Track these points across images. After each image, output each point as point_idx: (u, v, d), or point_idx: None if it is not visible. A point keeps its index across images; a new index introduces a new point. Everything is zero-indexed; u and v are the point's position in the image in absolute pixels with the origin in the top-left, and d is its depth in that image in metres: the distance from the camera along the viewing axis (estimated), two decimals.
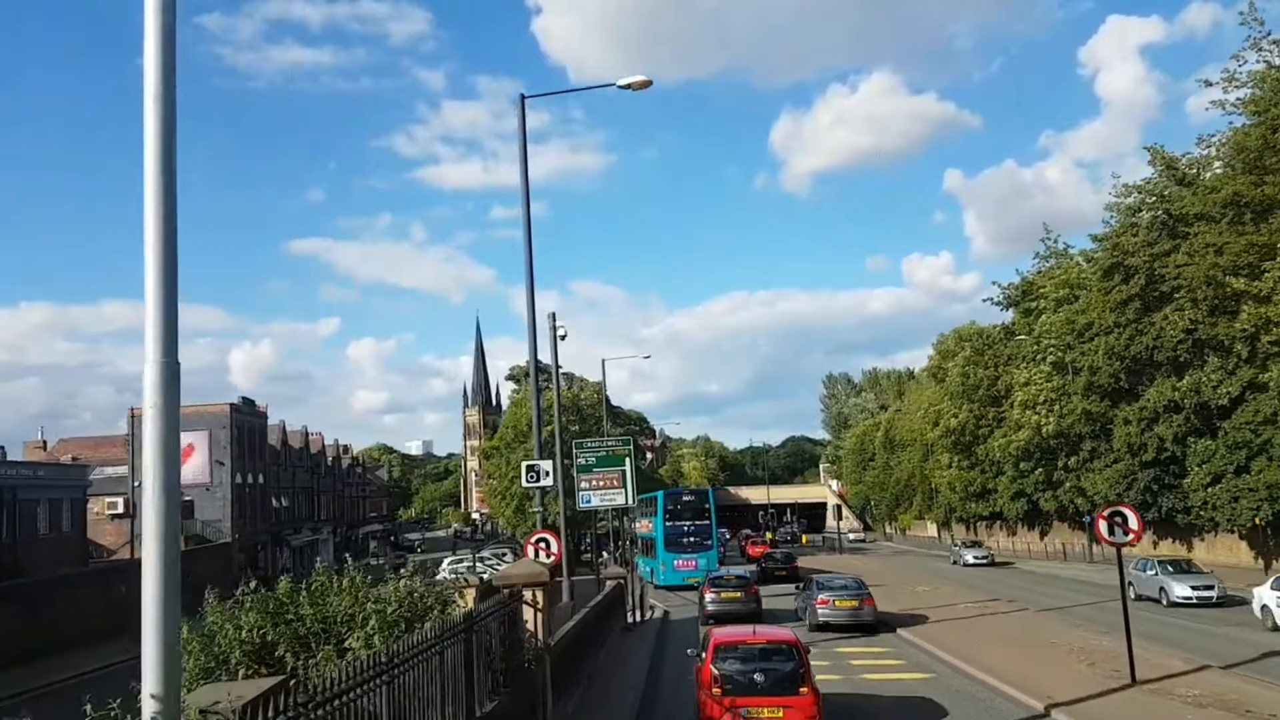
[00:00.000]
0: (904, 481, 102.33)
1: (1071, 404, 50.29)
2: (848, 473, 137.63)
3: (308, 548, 68.59)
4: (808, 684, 12.86)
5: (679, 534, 45.03)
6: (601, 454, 32.83)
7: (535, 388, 22.48)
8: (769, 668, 13.13)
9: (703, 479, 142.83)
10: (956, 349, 64.55)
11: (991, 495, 63.90)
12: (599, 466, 32.54)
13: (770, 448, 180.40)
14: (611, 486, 32.40)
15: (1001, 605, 30.88)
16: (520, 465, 58.44)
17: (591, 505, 32.61)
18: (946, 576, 46.02)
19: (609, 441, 33.82)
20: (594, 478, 32.42)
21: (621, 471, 32.49)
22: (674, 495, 49.32)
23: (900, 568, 54.39)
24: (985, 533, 70.37)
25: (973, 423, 62.65)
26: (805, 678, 12.95)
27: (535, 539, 18.55)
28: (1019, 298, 60.09)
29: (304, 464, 68.70)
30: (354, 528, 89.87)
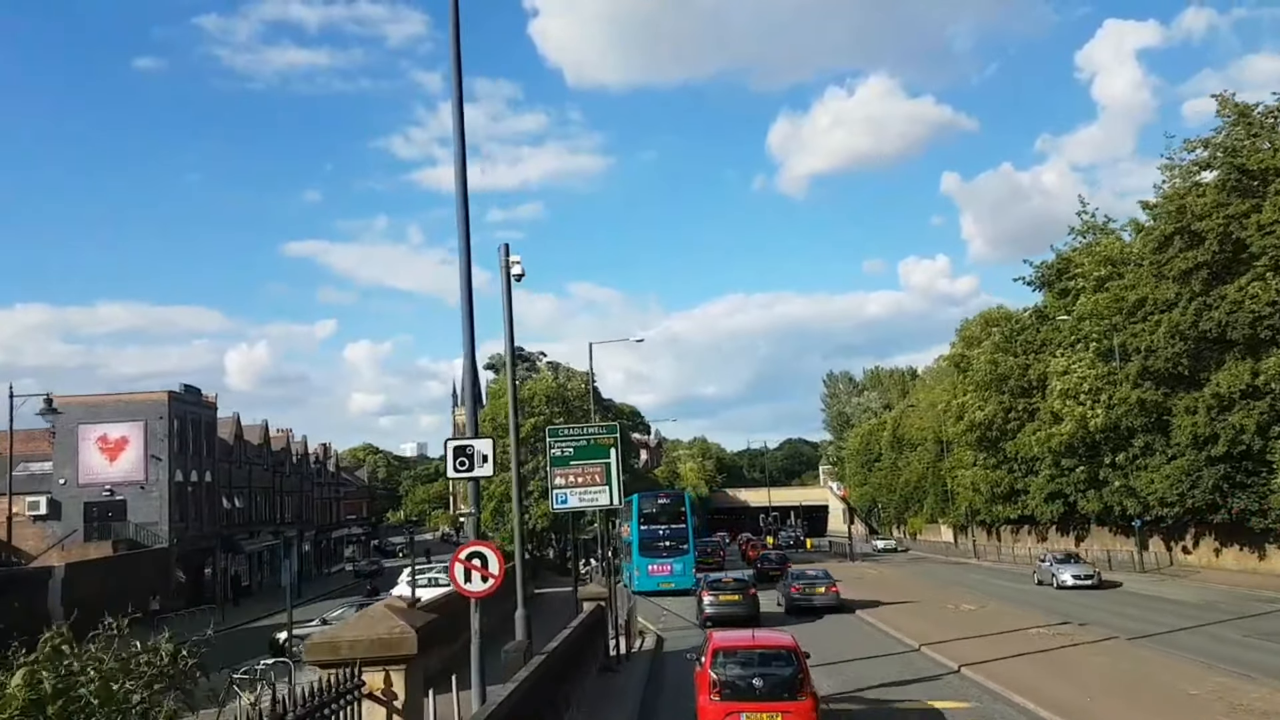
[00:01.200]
0: (913, 483, 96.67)
1: (1121, 392, 44.29)
2: (851, 474, 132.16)
3: (267, 553, 62.34)
4: (806, 689, 12.85)
5: (653, 538, 42.23)
6: (581, 443, 26.72)
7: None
8: (768, 673, 13.11)
9: (700, 480, 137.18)
10: (983, 335, 58.58)
11: (1020, 496, 57.90)
12: (578, 459, 26.45)
13: (768, 450, 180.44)
14: (593, 483, 26.32)
15: (1078, 631, 24.81)
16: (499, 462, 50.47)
17: (568, 506, 26.51)
18: (984, 590, 39.99)
19: (590, 429, 27.68)
20: (572, 473, 26.34)
21: (605, 465, 26.41)
22: (648, 498, 45.53)
23: (928, 579, 48.26)
24: (1010, 538, 64.32)
25: (1001, 416, 56.63)
26: (804, 683, 12.92)
27: (466, 553, 12.54)
28: (1054, 277, 54.14)
29: (264, 462, 62.56)
30: (326, 531, 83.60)
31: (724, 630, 17.16)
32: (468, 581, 12.70)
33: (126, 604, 6.00)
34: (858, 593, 37.28)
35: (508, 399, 26.99)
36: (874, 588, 40.40)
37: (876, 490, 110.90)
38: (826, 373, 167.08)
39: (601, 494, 26.49)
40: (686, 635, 25.85)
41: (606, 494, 26.50)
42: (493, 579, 12.64)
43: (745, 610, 28.23)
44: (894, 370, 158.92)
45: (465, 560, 12.55)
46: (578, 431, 27.32)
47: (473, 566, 12.59)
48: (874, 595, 36.42)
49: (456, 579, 12.67)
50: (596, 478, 26.62)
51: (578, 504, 26.59)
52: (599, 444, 27.04)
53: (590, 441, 27.00)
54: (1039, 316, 56.05)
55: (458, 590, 12.77)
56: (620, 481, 26.87)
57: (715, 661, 13.38)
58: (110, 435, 47.02)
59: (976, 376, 57.39)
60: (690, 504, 46.50)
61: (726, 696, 12.84)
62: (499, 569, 12.69)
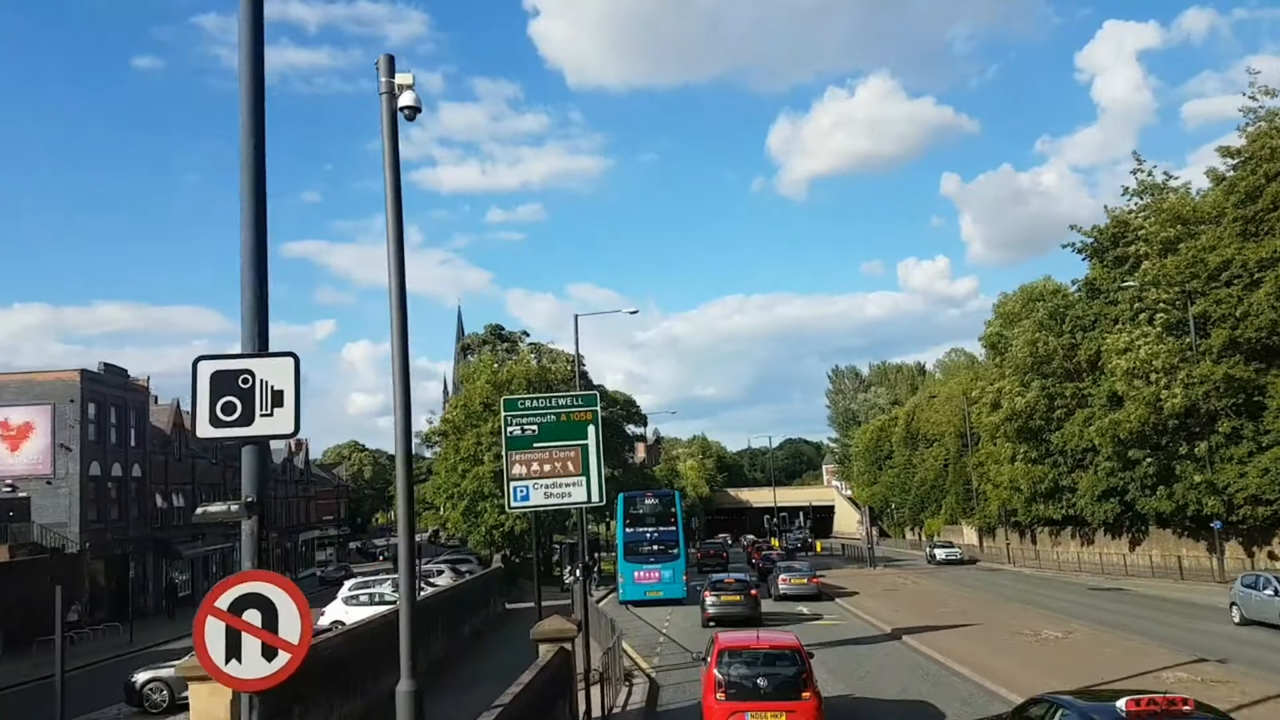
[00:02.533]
0: (930, 481, 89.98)
1: (1202, 369, 37.47)
2: (858, 473, 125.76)
3: (215, 558, 55.39)
4: (810, 689, 13.04)
5: (639, 542, 37.42)
6: (547, 418, 19.83)
7: None
8: (772, 672, 13.25)
9: (700, 479, 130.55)
10: (1023, 312, 51.64)
11: (1065, 495, 51.04)
12: (545, 440, 19.59)
13: (771, 447, 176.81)
14: (564, 473, 19.45)
15: (1237, 676, 17.92)
16: (471, 455, 41.91)
17: (530, 505, 19.60)
18: (1048, 606, 33.12)
19: (560, 399, 20.70)
20: (536, 459, 19.46)
21: (580, 449, 19.55)
22: (633, 498, 39.69)
23: (973, 591, 41.34)
24: (1049, 541, 57.43)
25: (1044, 404, 49.79)
26: (808, 682, 13.11)
27: (231, 598, 5.59)
28: (1108, 244, 47.24)
29: (211, 455, 55.66)
30: (293, 533, 76.66)
31: (729, 631, 17.32)
32: (232, 661, 5.64)
33: (33, 617, 0.66)
34: (899, 612, 30.45)
35: (482, 383, 20.56)
36: (915, 604, 33.54)
37: (888, 489, 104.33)
38: (831, 367, 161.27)
39: (576, 487, 19.63)
40: (690, 679, 18.98)
41: (583, 487, 19.66)
42: (286, 652, 5.64)
43: (747, 610, 28.26)
44: (902, 365, 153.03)
45: (229, 612, 5.60)
46: (543, 404, 20.40)
47: (246, 627, 5.63)
48: (919, 615, 29.59)
49: (208, 654, 5.59)
50: (570, 465, 19.73)
51: (543, 501, 19.71)
52: (573, 420, 20.16)
53: (561, 416, 20.11)
54: (1090, 289, 49.17)
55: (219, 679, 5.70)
56: (601, 470, 20.01)
57: (720, 661, 13.56)
58: (11, 420, 40.06)
59: (1016, 359, 50.46)
60: (681, 503, 40.57)
61: (732, 696, 12.99)
62: (301, 630, 5.66)
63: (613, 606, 37.03)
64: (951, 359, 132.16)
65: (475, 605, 30.43)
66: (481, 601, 31.77)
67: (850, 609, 32.70)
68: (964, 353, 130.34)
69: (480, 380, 45.46)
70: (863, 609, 32.26)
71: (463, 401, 45.78)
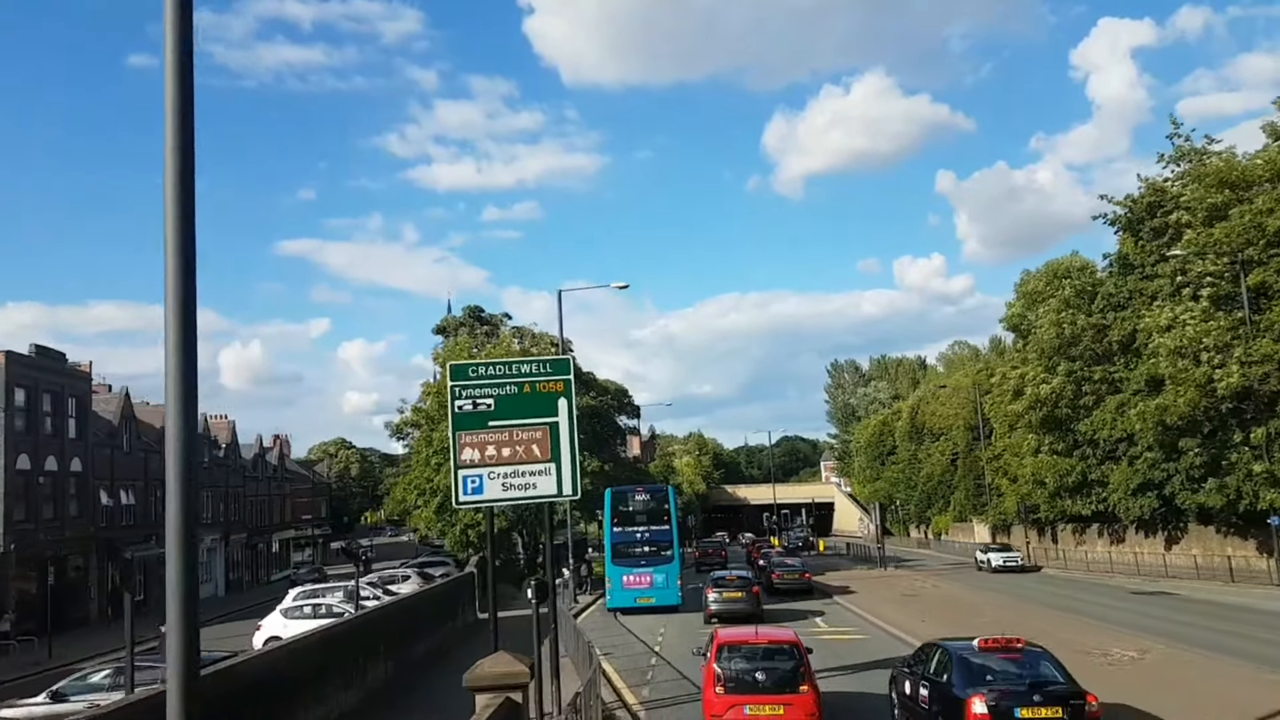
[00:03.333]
0: (937, 476, 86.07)
1: (1263, 346, 33.40)
2: (859, 469, 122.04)
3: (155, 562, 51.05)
4: (808, 682, 13.22)
5: (628, 542, 33.44)
6: (506, 390, 15.60)
7: None
8: (771, 666, 13.50)
9: (696, 476, 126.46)
10: (1048, 290, 47.47)
11: (1094, 489, 46.93)
12: (502, 417, 15.40)
13: (771, 443, 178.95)
14: (528, 459, 15.27)
15: None
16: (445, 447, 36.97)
17: (484, 499, 15.38)
18: (1102, 616, 29.01)
19: (523, 365, 16.35)
20: (492, 440, 15.27)
21: (549, 429, 15.37)
22: (622, 494, 35.30)
23: (1005, 596, 37.24)
24: (1073, 539, 53.32)
25: (1071, 390, 45.66)
26: (806, 676, 13.31)
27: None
28: (1144, 214, 43.10)
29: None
30: (265, 534, 72.30)
31: (728, 627, 17.41)
32: None
33: None
34: (928, 624, 26.30)
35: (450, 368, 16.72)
36: (944, 613, 29.39)
37: (892, 486, 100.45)
38: (831, 361, 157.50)
39: (543, 477, 15.44)
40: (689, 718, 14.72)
41: (551, 477, 15.50)
42: None
43: (748, 607, 28.23)
44: (902, 359, 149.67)
45: None
46: (501, 371, 16.16)
47: None
48: (953, 627, 25.35)
49: None
50: (535, 449, 15.55)
51: (501, 495, 15.48)
52: (539, 391, 15.99)
53: (524, 387, 15.91)
54: (1122, 264, 45.02)
55: None
56: (576, 456, 15.82)
57: (720, 656, 13.72)
58: None
59: (1041, 342, 46.28)
60: (676, 500, 36.48)
61: (731, 689, 13.17)
62: None
63: (600, 614, 32.90)
64: (955, 352, 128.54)
65: (436, 619, 26.21)
66: (445, 614, 27.55)
67: (870, 619, 28.55)
68: (967, 345, 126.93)
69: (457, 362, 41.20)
70: (884, 619, 28.13)
71: (435, 389, 41.51)
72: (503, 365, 15.80)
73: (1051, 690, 12.08)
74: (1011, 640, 13.39)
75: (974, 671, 12.73)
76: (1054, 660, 13.00)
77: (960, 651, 13.39)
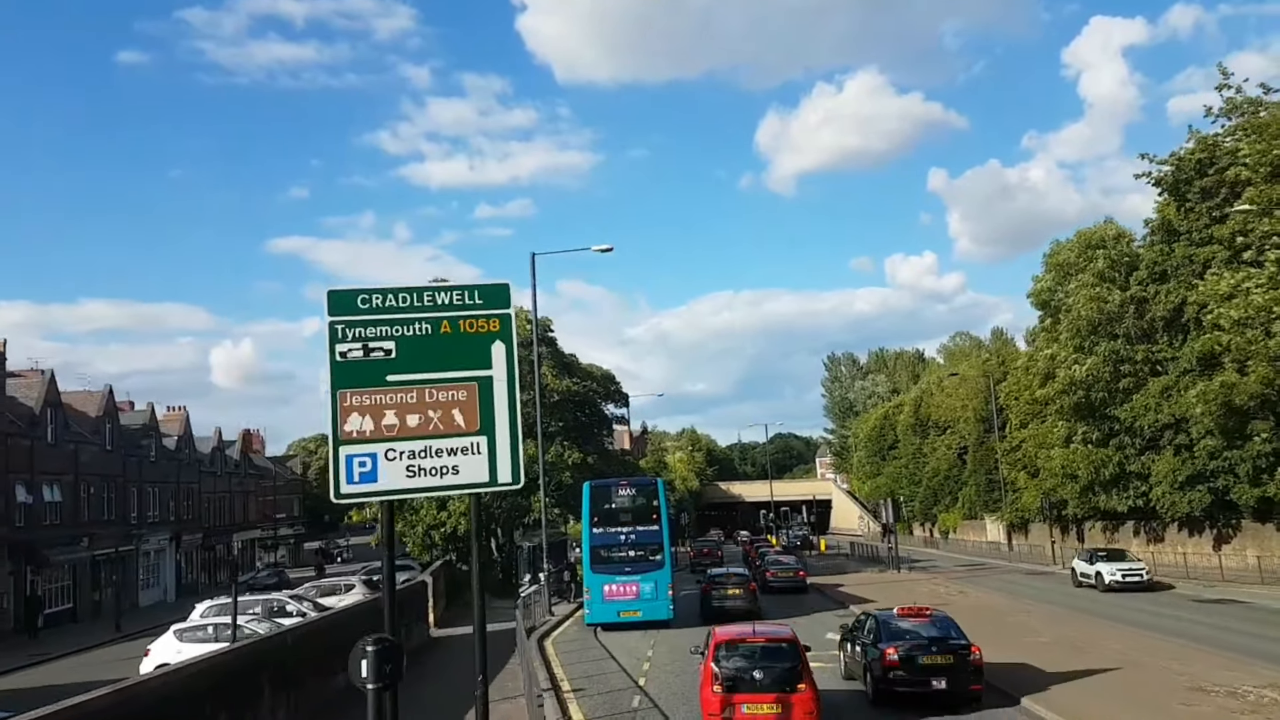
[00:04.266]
0: (944, 471, 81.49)
1: None
2: (858, 464, 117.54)
3: (106, 565, 45.97)
4: (806, 680, 13.25)
5: (611, 546, 28.16)
6: (416, 329, 10.47)
7: None
8: (769, 665, 13.46)
9: (689, 473, 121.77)
10: (1081, 261, 42.66)
11: (1131, 481, 42.18)
12: (408, 369, 10.33)
13: (769, 438, 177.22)
14: (448, 430, 10.24)
15: None
16: None
17: (376, 491, 10.23)
18: (1205, 640, 24.22)
19: (441, 293, 11.00)
20: (391, 403, 10.28)
21: (479, 388, 10.31)
22: (604, 489, 29.68)
23: (1055, 607, 32.46)
24: (1102, 539, 48.55)
25: (1109, 372, 40.90)
26: (804, 674, 13.33)
27: None
28: (1192, 173, 38.31)
29: (103, 441, 46.33)
30: (223, 534, 67.19)
31: (726, 625, 16.56)
32: None
33: None
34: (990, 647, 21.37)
35: None
36: (988, 627, 24.44)
37: (894, 482, 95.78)
38: (828, 354, 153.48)
39: (469, 457, 10.28)
40: None
41: (482, 457, 10.43)
42: None
43: (746, 604, 27.97)
44: (901, 352, 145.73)
45: None
46: (405, 301, 11.11)
47: None
48: (1006, 647, 20.66)
49: None
50: (458, 418, 10.41)
51: (404, 483, 10.33)
52: (464, 331, 10.94)
53: (441, 325, 10.84)
54: (1166, 231, 40.24)
55: None
56: (518, 429, 10.84)
57: (717, 654, 13.69)
58: None
59: (1076, 319, 41.39)
60: (667, 495, 30.99)
61: (728, 688, 13.15)
62: None
63: (579, 629, 27.98)
64: (957, 344, 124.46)
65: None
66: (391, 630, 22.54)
67: None
68: (969, 336, 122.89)
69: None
70: None
71: None
72: (408, 294, 10.61)
73: (947, 643, 15.77)
74: (922, 609, 17.67)
75: (893, 631, 16.27)
76: (954, 624, 16.60)
77: (884, 618, 17.14)
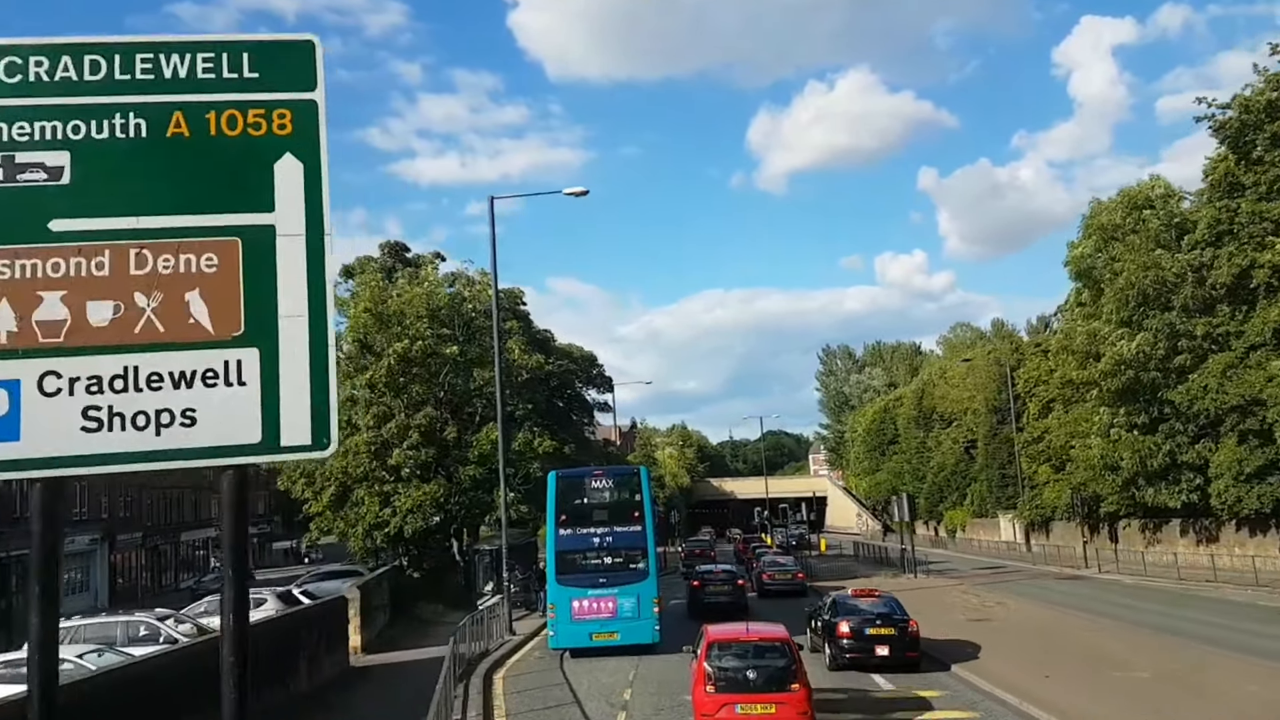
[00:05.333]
0: (951, 466, 76.69)
1: None
2: (855, 459, 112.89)
3: (18, 566, 40.37)
4: (800, 680, 13.11)
5: (582, 550, 22.38)
6: (114, 121, 4.91)
7: None
8: (762, 664, 13.36)
9: (680, 469, 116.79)
10: (1127, 225, 37.43)
11: (1184, 474, 37.06)
12: (95, 208, 4.90)
13: (751, 440, 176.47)
14: (173, 335, 4.88)
15: None
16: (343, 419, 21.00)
17: (21, 458, 4.71)
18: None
19: (139, 52, 4.76)
20: (59, 277, 4.93)
21: (246, 247, 4.73)
22: (574, 480, 23.78)
23: (1137, 626, 27.15)
24: (1141, 539, 43.45)
25: (1162, 349, 35.73)
26: (798, 674, 13.18)
27: None
28: (1261, 116, 33.12)
29: None
30: (177, 532, 61.63)
31: (718, 624, 16.07)
32: None
33: None
34: (1073, 691, 16.04)
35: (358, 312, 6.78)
36: (1067, 660, 19.12)
37: (896, 478, 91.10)
38: (823, 347, 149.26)
39: (218, 393, 4.24)
40: None
41: (248, 395, 4.40)
42: None
43: (732, 599, 28.30)
44: (898, 344, 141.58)
45: None
46: (94, 70, 4.67)
47: None
48: (1109, 697, 15.32)
49: None
50: (194, 310, 4.41)
51: (78, 446, 4.55)
52: (215, 135, 4.71)
53: (162, 121, 4.46)
54: (1229, 186, 35.03)
55: None
56: (323, 333, 4.87)
57: (710, 654, 13.51)
58: None
59: (1129, 286, 36.13)
60: (651, 487, 24.34)
61: (721, 688, 13.04)
62: None
63: (542, 656, 22.57)
64: (958, 335, 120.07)
65: (253, 676, 15.78)
66: (280, 666, 17.01)
67: (968, 678, 18.23)
68: (971, 327, 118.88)
69: (358, 308, 30.63)
70: (986, 675, 17.89)
71: (346, 336, 30.84)
72: (101, 57, 4.89)
73: (891, 618, 18.88)
74: (872, 590, 22.38)
75: (847, 608, 19.61)
76: (899, 604, 19.91)
77: (840, 597, 20.82)
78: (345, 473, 29.68)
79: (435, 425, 30.26)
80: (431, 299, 31.41)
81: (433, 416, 30.21)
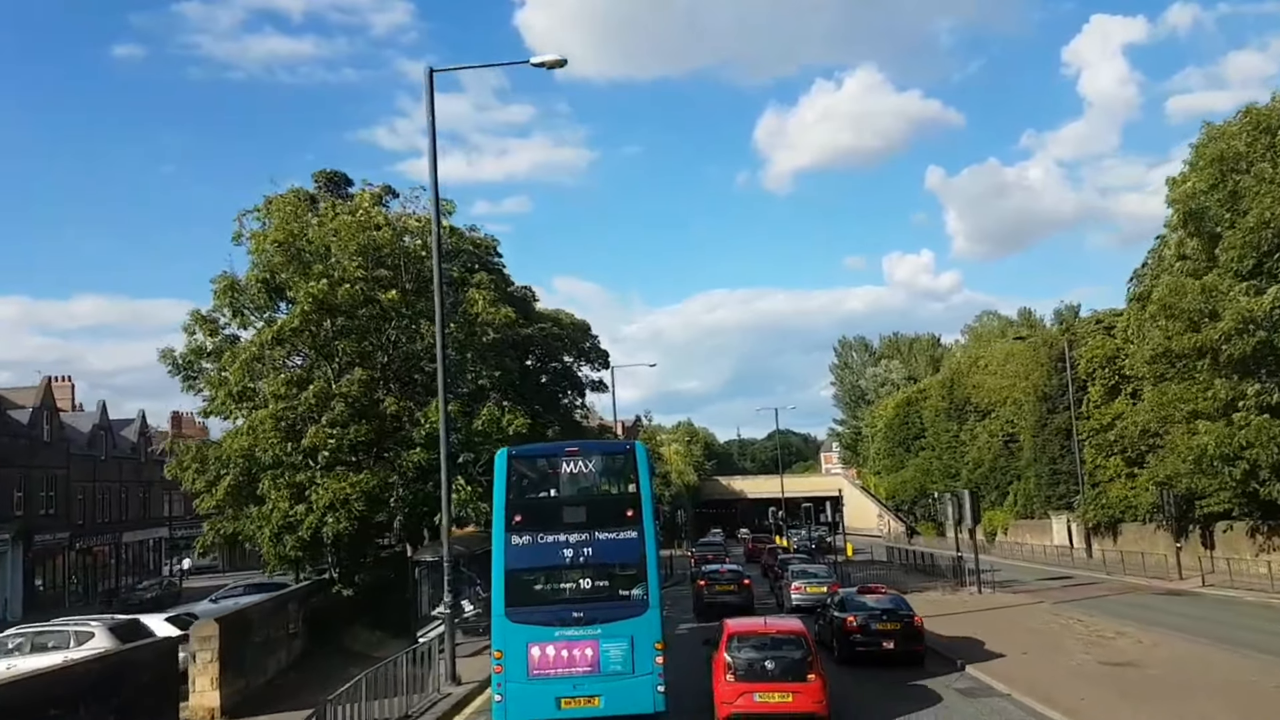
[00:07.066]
0: (989, 462, 69.13)
1: None
2: (875, 456, 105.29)
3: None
4: (815, 671, 13.55)
5: (544, 567, 13.91)
6: None
7: None
8: (780, 655, 13.76)
9: (687, 467, 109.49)
10: (1252, 153, 29.69)
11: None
12: None
13: (756, 440, 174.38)
14: None
15: None
16: (240, 384, 9.88)
17: None
18: None
19: None
20: None
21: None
22: (533, 460, 15.11)
23: None
24: (1247, 545, 35.76)
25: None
26: (814, 665, 13.64)
27: None
28: None
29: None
30: (120, 531, 54.30)
31: (738, 618, 16.97)
32: None
33: None
34: None
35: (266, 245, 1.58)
36: None
37: (924, 475, 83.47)
38: (839, 339, 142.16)
39: None
40: None
41: None
42: None
43: (739, 599, 28.19)
44: (917, 337, 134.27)
45: None
46: None
47: None
48: None
49: None
50: None
51: None
52: None
53: None
54: None
55: None
56: None
57: (730, 646, 13.95)
58: None
59: (1264, 225, 28.37)
60: (649, 469, 15.17)
61: (741, 677, 13.45)
62: None
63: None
64: (984, 324, 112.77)
65: None
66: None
67: None
68: (998, 315, 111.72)
69: (266, 240, 23.08)
70: None
71: (228, 283, 23.32)
72: None
73: (896, 614, 19.62)
74: (878, 586, 22.74)
75: (854, 604, 20.36)
76: (904, 600, 20.98)
77: (848, 595, 21.54)
78: (250, 457, 22.21)
79: (369, 395, 22.82)
80: (365, 232, 23.92)
81: (365, 383, 22.74)
